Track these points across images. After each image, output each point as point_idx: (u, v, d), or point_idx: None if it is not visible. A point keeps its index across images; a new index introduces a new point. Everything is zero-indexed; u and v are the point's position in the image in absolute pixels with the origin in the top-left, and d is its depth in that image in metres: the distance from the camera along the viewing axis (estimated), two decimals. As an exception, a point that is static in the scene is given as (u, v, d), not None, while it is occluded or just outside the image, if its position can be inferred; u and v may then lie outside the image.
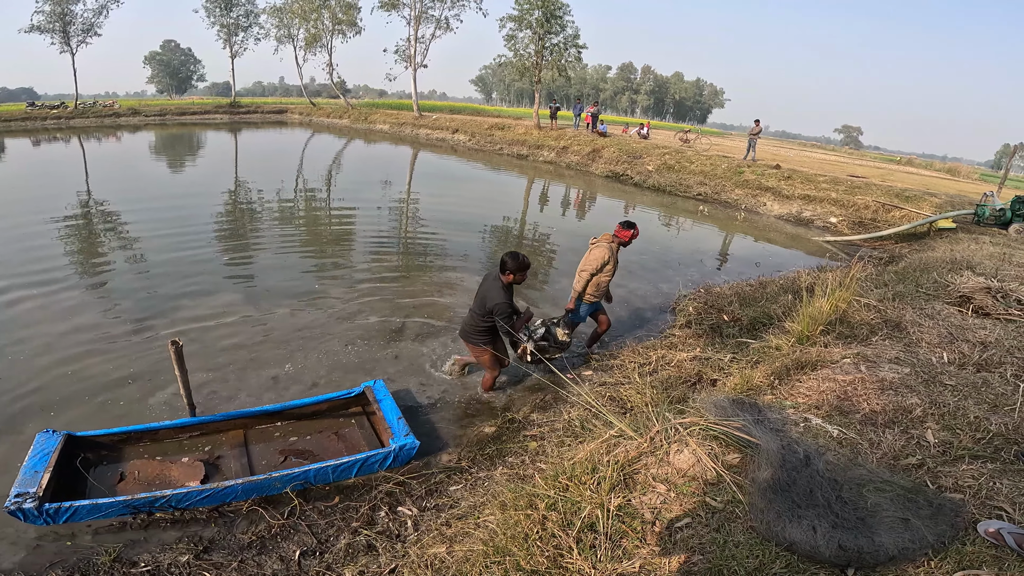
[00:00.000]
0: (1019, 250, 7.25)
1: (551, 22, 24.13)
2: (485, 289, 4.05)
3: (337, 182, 15.32)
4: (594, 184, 17.75)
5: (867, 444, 2.43)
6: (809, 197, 14.12)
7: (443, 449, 3.79)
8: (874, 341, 3.56)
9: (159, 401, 4.03)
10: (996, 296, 4.29)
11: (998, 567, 1.74)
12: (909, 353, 3.30)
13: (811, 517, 1.90)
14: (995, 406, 2.75)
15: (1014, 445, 2.44)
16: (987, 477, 2.18)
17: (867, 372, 3.04)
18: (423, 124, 29.37)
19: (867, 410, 2.69)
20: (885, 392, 2.80)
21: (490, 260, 8.45)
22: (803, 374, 3.29)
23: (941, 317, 3.92)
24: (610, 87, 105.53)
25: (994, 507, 2.03)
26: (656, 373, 4.75)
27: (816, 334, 3.97)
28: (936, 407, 2.69)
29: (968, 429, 2.54)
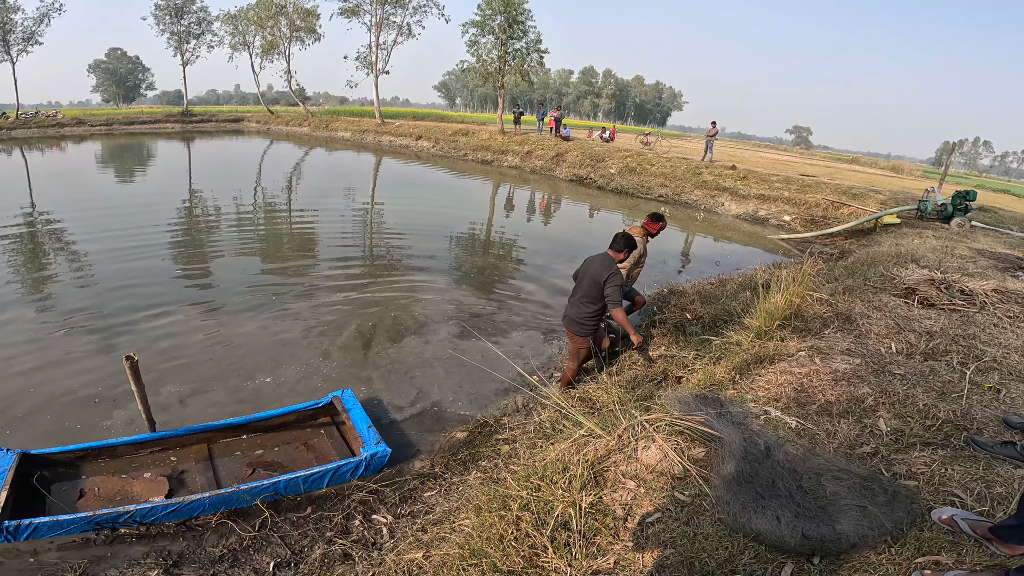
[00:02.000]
0: (960, 243, 7.69)
1: (513, 27, 24.28)
2: (595, 270, 3.98)
3: (298, 191, 15.01)
4: (559, 188, 17.93)
5: (824, 434, 2.53)
6: (764, 196, 14.64)
7: (416, 456, 3.78)
8: (827, 334, 3.71)
9: (119, 417, 3.90)
10: (940, 287, 4.54)
11: (956, 553, 1.81)
12: (859, 344, 3.46)
13: (775, 507, 1.97)
14: (943, 394, 2.88)
15: (963, 431, 2.55)
16: (939, 464, 2.28)
17: (821, 364, 3.17)
18: (386, 131, 29.11)
19: (823, 401, 2.81)
20: (839, 383, 2.93)
21: (458, 265, 8.45)
22: (762, 368, 3.41)
23: (888, 309, 4.13)
24: (573, 91, 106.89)
25: (948, 493, 2.11)
26: (623, 373, 4.85)
27: (773, 329, 4.12)
28: (887, 396, 2.81)
29: (918, 417, 2.65)
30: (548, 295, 7.29)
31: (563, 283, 7.81)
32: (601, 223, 13.19)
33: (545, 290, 7.49)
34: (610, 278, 3.85)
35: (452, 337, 5.79)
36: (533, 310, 6.74)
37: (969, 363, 3.20)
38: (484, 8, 24.27)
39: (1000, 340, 3.55)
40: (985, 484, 2.15)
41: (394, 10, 29.40)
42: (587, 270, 4.12)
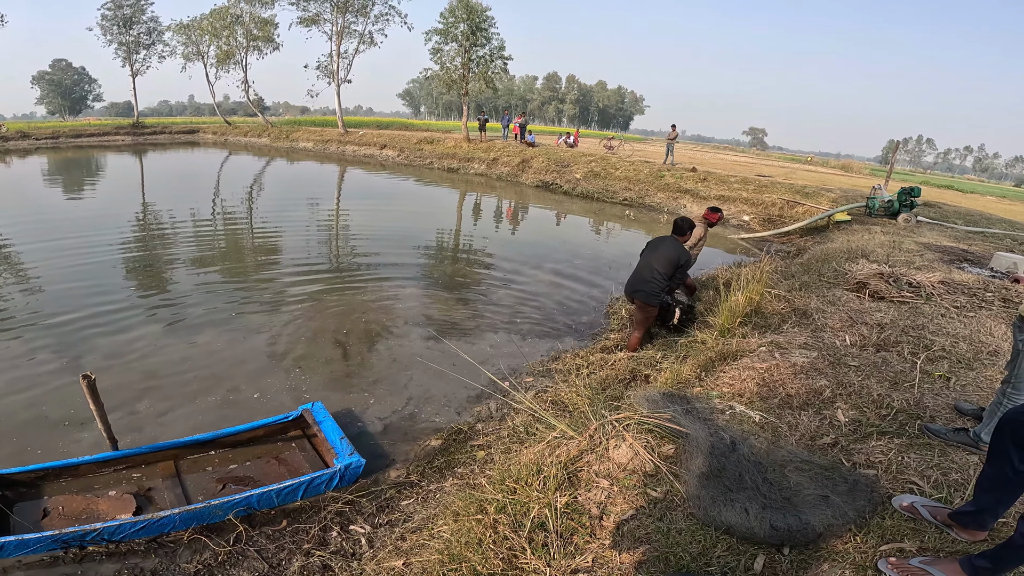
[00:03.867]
0: (907, 237, 8.11)
1: (476, 35, 24.38)
2: (665, 251, 4.67)
3: (260, 202, 14.66)
4: (525, 194, 18.06)
5: (786, 427, 2.63)
6: (724, 197, 15.09)
7: (391, 465, 3.76)
8: (785, 329, 3.87)
9: (87, 439, 3.78)
10: (889, 280, 4.78)
11: (919, 539, 1.89)
12: (816, 338, 3.61)
13: (743, 500, 2.04)
14: (895, 383, 3.02)
15: (917, 419, 2.67)
16: (896, 452, 2.38)
17: (781, 359, 3.30)
18: (349, 140, 28.75)
19: (783, 394, 2.92)
20: (798, 376, 3.06)
21: (427, 273, 8.41)
22: (726, 365, 3.52)
23: (842, 303, 4.33)
24: (537, 97, 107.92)
25: (905, 481, 2.20)
26: (594, 374, 4.92)
27: (735, 326, 4.26)
28: (843, 387, 2.94)
29: (873, 407, 2.78)
30: (518, 300, 7.34)
31: (533, 287, 7.88)
32: (569, 228, 13.37)
33: (514, 296, 7.53)
34: (687, 264, 4.65)
35: (423, 345, 5.76)
36: (503, 315, 6.76)
37: (919, 353, 3.38)
38: (447, 16, 24.32)
39: (948, 330, 3.76)
40: (941, 471, 2.25)
41: (355, 19, 29.15)
42: (657, 249, 4.79)
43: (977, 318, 3.97)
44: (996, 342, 3.57)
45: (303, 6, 28.66)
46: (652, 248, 4.88)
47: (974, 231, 10.16)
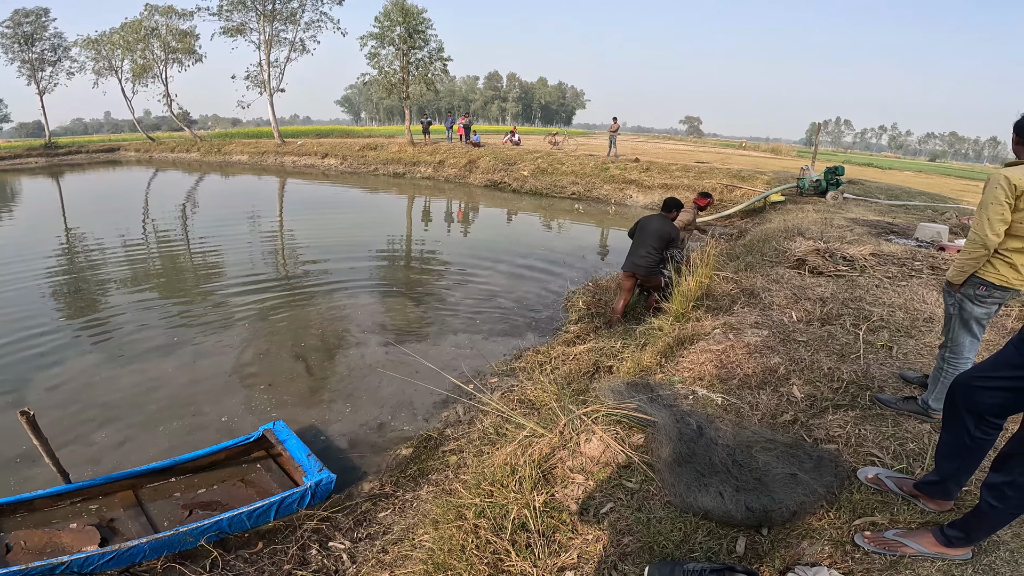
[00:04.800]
0: (837, 214, 8.61)
1: (414, 37, 24.09)
2: (656, 228, 5.15)
3: (196, 220, 13.91)
4: (474, 195, 18.02)
5: (748, 407, 2.72)
6: (667, 185, 15.57)
7: (363, 478, 3.72)
8: (736, 310, 4.02)
9: (35, 473, 3.61)
10: (825, 256, 5.06)
11: (889, 512, 1.96)
12: (765, 316, 3.77)
13: (716, 484, 2.08)
14: (843, 356, 3.17)
15: (867, 391, 2.80)
16: (852, 425, 2.48)
17: (735, 339, 3.42)
18: (287, 151, 27.76)
19: (741, 375, 3.03)
20: (753, 356, 3.18)
21: (381, 281, 8.25)
22: (684, 349, 3.62)
23: (785, 280, 4.54)
24: (479, 97, 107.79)
25: (866, 453, 2.29)
26: (558, 369, 4.96)
27: (689, 310, 4.39)
28: (796, 364, 3.06)
29: (826, 380, 2.90)
30: (476, 301, 7.30)
31: (491, 287, 7.86)
32: (520, 226, 13.42)
33: (472, 297, 7.50)
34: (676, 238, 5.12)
35: (383, 353, 5.66)
36: (463, 318, 6.72)
37: (861, 324, 3.57)
38: (382, 20, 23.91)
39: (884, 300, 4.00)
40: (897, 441, 2.36)
41: (284, 27, 28.14)
42: (648, 227, 5.25)
43: (909, 287, 4.26)
44: (930, 309, 3.83)
45: (226, 16, 27.42)
46: (643, 228, 5.30)
47: (896, 204, 10.91)
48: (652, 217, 5.34)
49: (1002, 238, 2.23)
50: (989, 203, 2.20)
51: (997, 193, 2.18)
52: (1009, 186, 2.15)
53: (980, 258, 2.28)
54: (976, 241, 2.26)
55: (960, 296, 2.40)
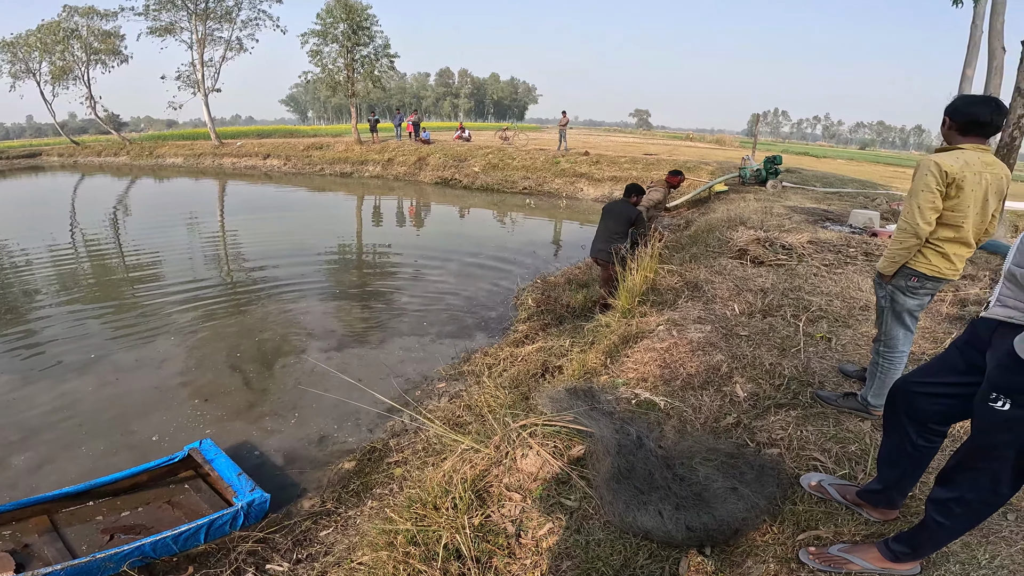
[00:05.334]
0: (776, 202, 8.80)
1: (359, 34, 23.42)
2: (618, 212, 5.32)
3: (129, 227, 12.96)
4: (425, 192, 17.63)
5: (690, 410, 2.61)
6: (616, 178, 15.67)
7: (303, 495, 3.53)
8: (680, 304, 3.94)
9: None
10: (765, 245, 5.08)
11: (833, 524, 1.86)
12: (708, 310, 3.71)
13: (655, 501, 1.94)
14: (784, 350, 3.13)
15: (808, 387, 2.74)
16: (794, 426, 2.41)
17: (678, 336, 3.33)
18: (226, 152, 26.42)
19: (685, 375, 2.92)
20: (696, 354, 3.08)
21: (329, 284, 7.87)
22: (629, 348, 3.51)
23: (727, 272, 4.51)
24: (431, 94, 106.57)
25: (808, 458, 2.21)
26: (506, 372, 4.82)
27: (635, 306, 4.30)
28: (738, 360, 2.99)
29: (768, 377, 2.83)
30: (425, 303, 7.07)
31: (440, 287, 7.63)
32: (472, 222, 13.18)
33: (420, 298, 7.25)
34: (639, 220, 5.24)
35: (327, 361, 5.39)
36: (410, 320, 6.48)
37: (800, 315, 3.55)
38: (324, 16, 23.12)
39: (822, 288, 4.01)
40: (839, 443, 2.28)
41: (219, 25, 26.75)
42: (611, 213, 5.40)
43: (845, 274, 4.31)
44: (865, 296, 3.87)
45: (153, 16, 25.84)
46: (607, 213, 5.47)
47: (831, 191, 11.31)
48: (615, 203, 5.54)
49: (933, 227, 2.14)
50: (920, 190, 2.10)
51: (928, 180, 2.07)
52: (940, 173, 2.05)
53: (911, 248, 2.18)
54: (907, 230, 2.16)
55: (892, 288, 2.32)
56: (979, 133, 2.08)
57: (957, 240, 2.17)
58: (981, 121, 2.04)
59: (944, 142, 2.22)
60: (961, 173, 2.05)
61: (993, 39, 7.91)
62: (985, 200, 2.12)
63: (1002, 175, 2.13)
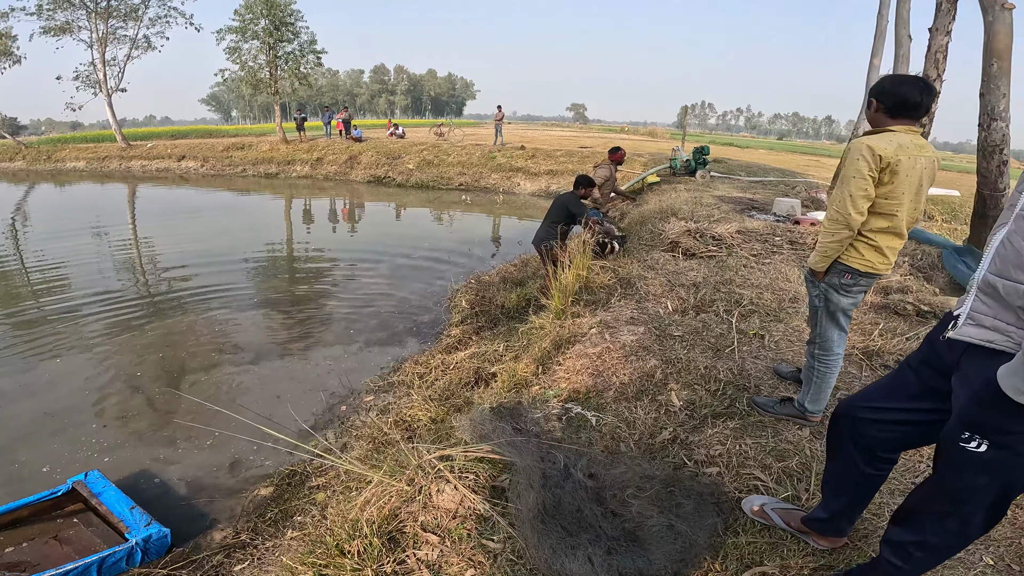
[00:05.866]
0: (705, 192, 8.93)
1: (282, 30, 22.16)
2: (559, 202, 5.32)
3: (28, 235, 11.55)
4: (357, 191, 16.88)
5: (624, 426, 2.39)
6: (553, 172, 15.61)
7: (214, 526, 3.20)
8: (613, 303, 3.77)
9: None
10: (696, 237, 5.02)
11: (779, 556, 1.69)
12: (641, 310, 3.54)
13: (585, 544, 1.69)
14: (717, 350, 2.99)
15: (744, 392, 2.60)
16: (732, 439, 2.25)
17: (611, 340, 3.14)
18: (135, 155, 24.33)
19: (618, 384, 2.72)
20: (629, 359, 2.89)
21: (250, 293, 7.24)
22: (561, 355, 3.29)
23: (660, 266, 4.40)
24: (366, 91, 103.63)
25: (748, 477, 2.05)
26: (438, 381, 4.54)
27: (569, 305, 4.10)
28: (672, 365, 2.81)
29: (703, 382, 2.68)
30: (354, 308, 6.63)
31: (371, 291, 7.20)
32: (406, 222, 12.68)
33: (348, 303, 6.80)
34: (577, 207, 5.21)
35: (244, 376, 4.94)
36: (338, 328, 6.05)
37: (733, 309, 3.45)
38: (243, 13, 21.71)
39: (751, 280, 3.95)
40: (778, 457, 2.14)
41: (123, 23, 24.62)
42: (556, 202, 5.41)
43: (773, 264, 4.29)
44: (793, 287, 3.83)
45: (47, 15, 23.39)
46: (552, 203, 5.47)
47: (755, 180, 11.69)
48: (563, 194, 5.51)
49: (866, 216, 1.97)
50: (851, 177, 1.92)
51: (860, 166, 1.90)
52: (873, 156, 1.88)
53: (843, 240, 2.02)
54: (839, 221, 1.97)
55: (825, 287, 2.17)
56: (909, 115, 1.94)
57: (890, 231, 2.02)
58: (911, 102, 1.90)
59: (871, 126, 2.06)
60: (896, 157, 1.88)
61: (900, 28, 8.30)
62: (920, 186, 1.97)
63: (935, 159, 2.00)
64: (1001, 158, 4.65)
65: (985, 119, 4.68)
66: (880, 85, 1.96)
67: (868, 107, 2.04)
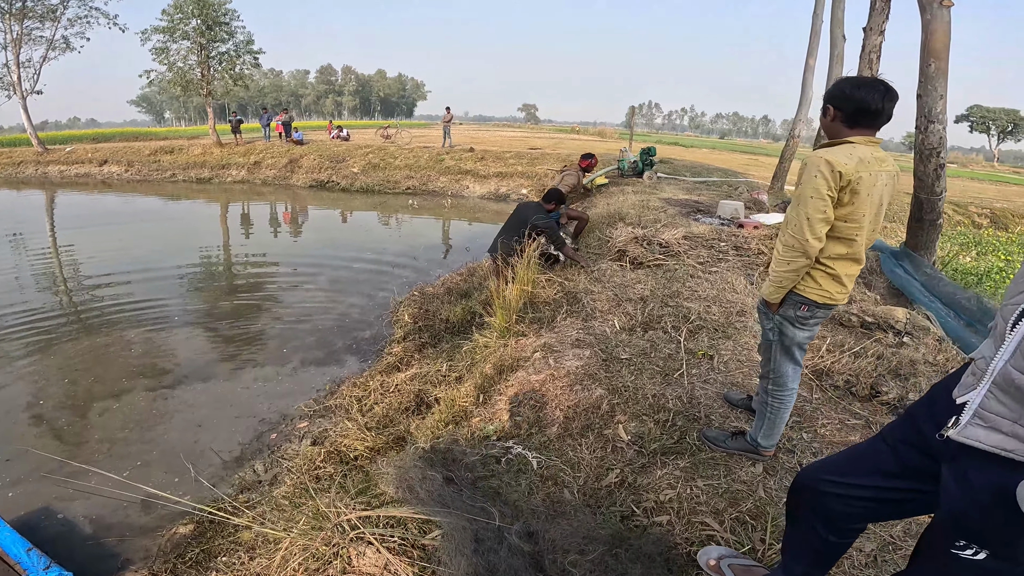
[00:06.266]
0: (652, 195, 8.91)
1: (215, 29, 20.96)
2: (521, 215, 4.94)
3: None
4: (298, 196, 16.11)
5: (568, 469, 2.17)
6: (503, 174, 15.40)
7: (126, 567, 2.97)
8: (558, 322, 3.56)
9: None
10: (643, 244, 4.90)
11: None
12: (587, 330, 3.34)
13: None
14: (666, 374, 2.82)
15: (694, 423, 2.44)
16: (683, 481, 2.09)
17: (555, 365, 2.92)
18: (52, 160, 22.47)
19: (562, 419, 2.50)
20: (574, 389, 2.68)
21: (168, 306, 6.65)
22: (504, 381, 3.06)
23: (607, 278, 4.23)
24: (311, 92, 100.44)
25: (701, 526, 1.89)
26: (377, 406, 4.23)
27: (513, 323, 3.88)
28: (619, 394, 2.63)
29: (651, 412, 2.50)
30: (288, 324, 6.19)
31: (309, 305, 6.75)
32: (349, 229, 12.12)
33: (284, 319, 6.35)
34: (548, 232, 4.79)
35: (160, 401, 4.52)
36: (271, 347, 5.63)
37: (680, 326, 3.30)
38: (171, 12, 20.46)
39: (699, 292, 3.83)
40: (731, 500, 1.98)
41: (41, 24, 22.75)
42: (519, 212, 5.02)
43: (720, 273, 4.21)
44: (740, 299, 3.74)
45: None
46: (514, 212, 5.18)
47: (699, 181, 11.87)
48: (529, 203, 5.23)
49: (824, 243, 1.77)
50: (808, 197, 1.71)
51: (817, 184, 1.69)
52: (832, 174, 1.67)
53: (800, 269, 1.82)
54: (795, 248, 1.77)
55: (779, 319, 1.99)
56: (869, 124, 1.75)
57: (849, 257, 1.82)
58: (872, 109, 1.71)
59: (827, 136, 1.87)
60: (857, 174, 1.68)
61: (835, 27, 8.50)
62: (880, 205, 1.80)
63: (895, 173, 1.82)
64: (938, 161, 4.57)
65: (922, 122, 4.56)
66: (837, 89, 1.77)
67: (824, 114, 1.85)
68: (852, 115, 1.75)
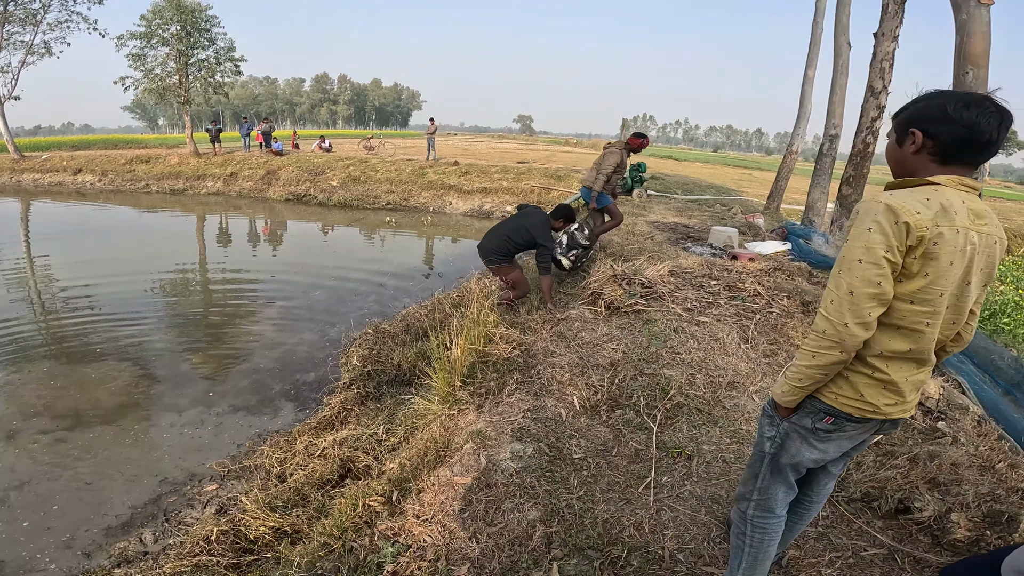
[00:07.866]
0: (640, 217, 8.25)
1: (194, 36, 20.45)
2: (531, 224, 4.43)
3: None
4: (274, 211, 15.38)
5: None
6: (487, 189, 14.76)
7: None
8: (505, 394, 2.84)
9: None
10: (623, 283, 4.20)
11: None
12: (537, 409, 2.60)
13: None
14: (626, 486, 2.12)
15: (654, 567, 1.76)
16: None
17: (486, 465, 2.20)
18: (28, 167, 21.72)
19: (479, 552, 1.78)
20: (502, 507, 1.96)
21: (76, 337, 5.91)
22: (428, 476, 2.33)
23: (574, 334, 3.48)
24: (306, 100, 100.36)
25: None
26: (298, 473, 3.54)
27: (457, 387, 3.16)
28: (560, 519, 1.92)
29: (600, 546, 1.80)
30: (222, 362, 5.49)
31: (249, 340, 6.05)
32: (316, 249, 11.33)
33: (218, 356, 5.66)
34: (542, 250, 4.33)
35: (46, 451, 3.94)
36: (196, 387, 4.99)
37: (656, 403, 2.59)
38: (150, 18, 19.96)
39: (682, 355, 3.11)
40: None
41: (21, 29, 22.17)
42: (521, 218, 4.60)
43: (709, 326, 3.49)
44: (731, 365, 3.02)
45: None
46: (519, 216, 4.70)
47: (691, 199, 11.26)
48: (535, 213, 4.63)
49: (873, 331, 1.16)
50: (855, 261, 1.12)
51: (873, 241, 1.09)
52: (896, 228, 1.08)
53: (833, 366, 1.20)
54: (829, 335, 1.16)
55: (788, 428, 1.34)
56: (970, 161, 1.14)
57: (912, 357, 1.19)
58: (982, 139, 1.09)
59: (894, 169, 1.24)
60: (936, 229, 1.09)
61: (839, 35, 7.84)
62: (965, 282, 1.16)
63: (996, 238, 1.17)
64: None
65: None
66: (932, 108, 1.13)
67: (899, 141, 1.20)
68: (952, 146, 1.12)
